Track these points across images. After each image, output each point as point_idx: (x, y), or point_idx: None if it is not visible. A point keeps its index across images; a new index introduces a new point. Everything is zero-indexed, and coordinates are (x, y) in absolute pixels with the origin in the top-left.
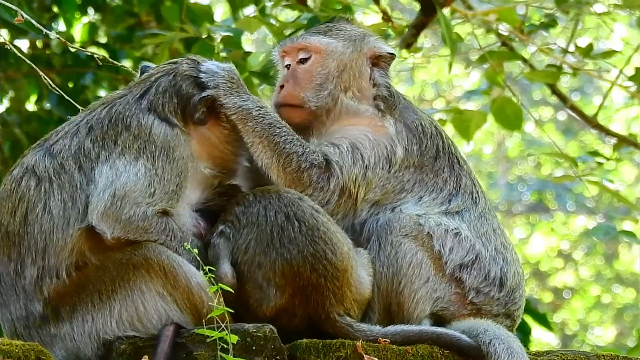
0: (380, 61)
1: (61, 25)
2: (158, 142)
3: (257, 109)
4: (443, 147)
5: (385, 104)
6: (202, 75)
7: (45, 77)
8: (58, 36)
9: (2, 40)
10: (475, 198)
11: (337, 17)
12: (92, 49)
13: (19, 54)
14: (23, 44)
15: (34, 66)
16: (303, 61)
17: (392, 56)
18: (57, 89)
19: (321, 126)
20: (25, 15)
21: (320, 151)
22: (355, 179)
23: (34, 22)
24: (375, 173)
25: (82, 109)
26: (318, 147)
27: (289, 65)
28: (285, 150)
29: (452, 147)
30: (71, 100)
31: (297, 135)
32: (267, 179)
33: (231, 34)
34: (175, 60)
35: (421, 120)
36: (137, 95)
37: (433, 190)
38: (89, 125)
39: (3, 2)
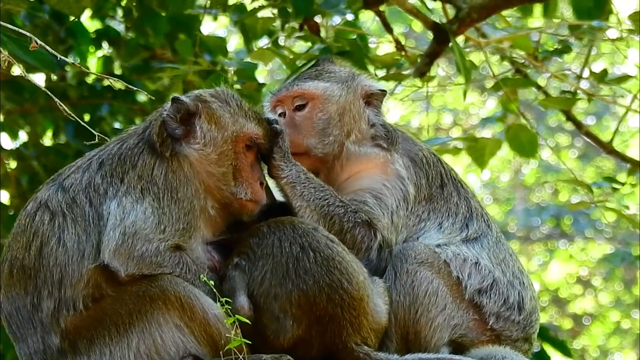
0: (372, 99)
1: (75, 59)
2: (160, 184)
3: (304, 172)
4: (446, 174)
5: (387, 142)
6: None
7: (62, 104)
8: (76, 62)
9: (19, 73)
10: (488, 221)
11: (321, 59)
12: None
13: (36, 84)
14: (39, 77)
15: (51, 95)
16: (300, 108)
17: (384, 93)
18: (75, 116)
19: (331, 176)
20: (39, 42)
21: (358, 210)
22: (388, 229)
23: (48, 48)
24: (399, 216)
25: (101, 137)
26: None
27: (283, 113)
28: (329, 212)
29: (452, 172)
30: (88, 127)
31: (339, 197)
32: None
33: (245, 68)
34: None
35: (422, 151)
36: (144, 127)
37: (449, 215)
38: (100, 160)
39: (12, 32)
